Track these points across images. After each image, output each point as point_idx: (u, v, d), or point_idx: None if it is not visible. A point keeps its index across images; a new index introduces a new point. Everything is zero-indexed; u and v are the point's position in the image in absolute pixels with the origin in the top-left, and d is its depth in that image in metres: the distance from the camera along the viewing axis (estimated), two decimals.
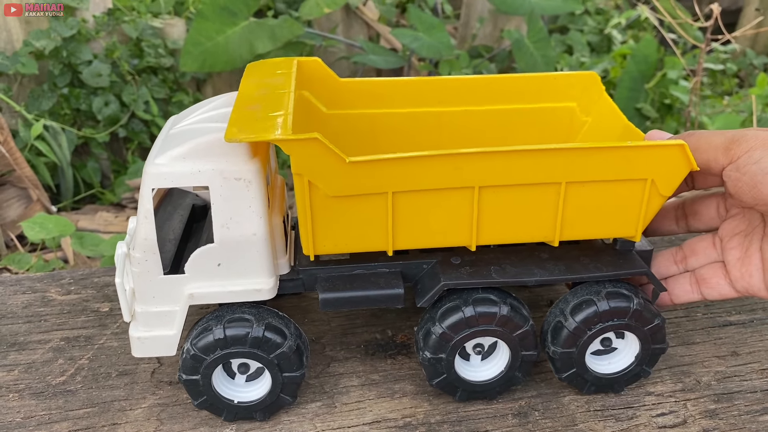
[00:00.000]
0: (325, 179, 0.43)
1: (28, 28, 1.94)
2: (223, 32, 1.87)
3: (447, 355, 0.48)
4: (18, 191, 1.49)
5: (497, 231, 0.47)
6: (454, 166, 0.44)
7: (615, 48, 2.24)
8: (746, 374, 0.52)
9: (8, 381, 0.53)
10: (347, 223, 0.45)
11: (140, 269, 0.46)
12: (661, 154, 0.45)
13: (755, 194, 0.43)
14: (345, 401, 0.51)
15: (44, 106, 1.85)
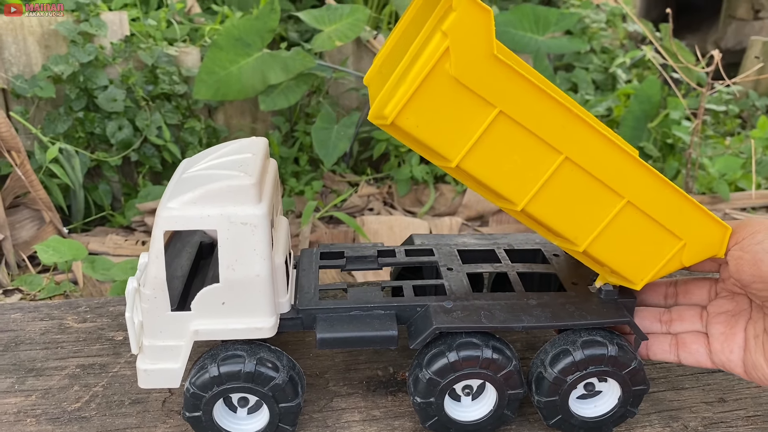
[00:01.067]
0: (463, 54, 0.42)
1: (47, 53, 1.99)
2: (237, 62, 1.92)
3: (436, 398, 0.50)
4: (31, 212, 1.53)
5: (548, 205, 0.47)
6: (564, 123, 0.45)
7: (619, 86, 2.28)
8: (732, 421, 0.54)
9: (26, 406, 0.55)
10: (443, 111, 0.44)
11: (149, 305, 0.49)
12: (707, 225, 0.48)
13: (755, 271, 0.46)
14: None
15: (59, 129, 1.90)
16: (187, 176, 0.51)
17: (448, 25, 0.41)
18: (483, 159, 0.45)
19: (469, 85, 0.43)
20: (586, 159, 0.46)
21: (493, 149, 0.45)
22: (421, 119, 0.43)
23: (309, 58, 1.94)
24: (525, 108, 0.44)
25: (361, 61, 2.33)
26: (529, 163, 0.46)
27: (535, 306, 0.51)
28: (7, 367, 0.60)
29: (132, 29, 2.08)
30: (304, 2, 2.86)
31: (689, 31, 4.53)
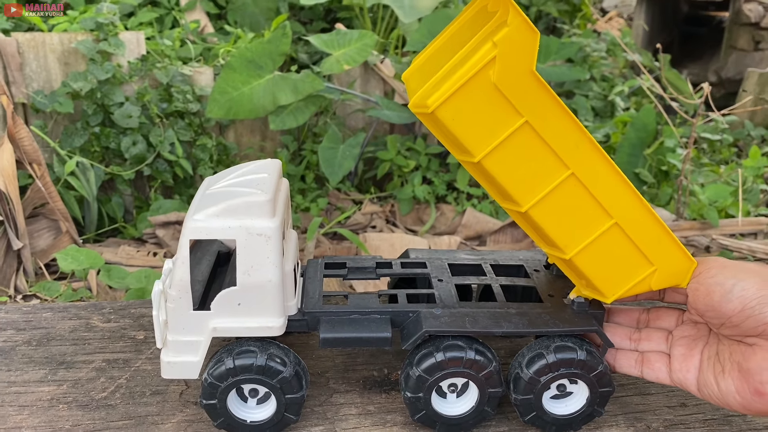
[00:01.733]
0: (507, 65, 0.47)
1: (66, 70, 2.08)
2: (249, 83, 2.00)
3: (424, 394, 0.56)
4: (49, 222, 1.60)
5: (548, 212, 0.53)
6: (577, 143, 0.51)
7: (618, 114, 2.35)
8: (690, 423, 0.60)
9: (58, 394, 0.62)
10: (477, 111, 0.49)
11: (175, 305, 0.55)
12: (677, 257, 0.55)
13: (707, 301, 0.53)
14: (344, 427, 0.59)
15: (76, 143, 1.97)
16: (210, 192, 0.57)
17: (499, 37, 0.47)
18: (502, 160, 0.51)
19: (505, 93, 0.48)
20: (589, 178, 0.52)
21: (512, 153, 0.51)
22: (457, 114, 0.49)
23: (318, 81, 2.01)
24: (547, 123, 0.50)
25: (368, 84, 2.41)
26: (540, 171, 0.51)
27: (514, 314, 0.58)
28: (41, 360, 0.66)
29: (148, 48, 2.16)
30: (314, 25, 2.95)
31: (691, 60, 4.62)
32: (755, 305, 0.50)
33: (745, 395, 0.51)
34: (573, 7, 3.24)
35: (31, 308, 0.74)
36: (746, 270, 0.52)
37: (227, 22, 2.79)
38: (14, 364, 0.65)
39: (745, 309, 0.51)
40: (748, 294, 0.51)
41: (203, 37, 2.54)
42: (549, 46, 2.11)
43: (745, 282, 0.51)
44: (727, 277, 0.52)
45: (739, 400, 0.51)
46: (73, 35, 2.07)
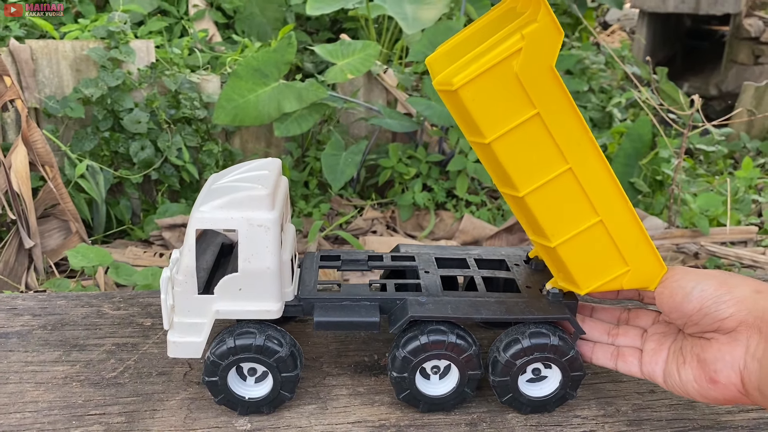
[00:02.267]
0: (530, 58, 0.51)
1: (78, 76, 2.14)
2: (255, 91, 2.06)
3: (409, 374, 0.61)
4: (59, 223, 1.65)
5: (542, 200, 0.57)
6: (579, 141, 0.54)
7: (616, 125, 2.40)
8: (657, 407, 0.65)
9: (72, 373, 0.67)
10: (496, 96, 0.53)
11: (181, 289, 0.60)
12: (651, 262, 0.59)
13: (671, 302, 0.58)
14: (335, 405, 0.64)
15: (86, 147, 2.03)
16: (215, 187, 0.63)
17: (528, 31, 0.51)
18: (509, 145, 0.55)
19: (524, 84, 0.52)
20: (584, 175, 0.56)
21: (519, 140, 0.55)
22: (477, 95, 0.53)
23: (322, 89, 2.07)
24: (557, 118, 0.54)
25: (371, 93, 2.47)
26: (541, 161, 0.56)
27: (493, 303, 0.62)
28: (55, 343, 0.71)
29: (157, 56, 2.22)
30: (320, 35, 3.02)
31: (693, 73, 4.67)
32: (711, 304, 0.55)
33: (702, 383, 0.56)
34: (575, 20, 3.30)
35: (46, 296, 0.79)
36: (706, 274, 0.58)
37: (235, 32, 2.85)
38: (31, 346, 0.70)
39: (702, 308, 0.55)
40: (705, 294, 0.56)
41: (211, 46, 2.60)
42: None
43: (703, 284, 0.56)
44: (688, 280, 0.57)
45: (696, 387, 0.56)
46: (85, 43, 2.13)
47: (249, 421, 0.61)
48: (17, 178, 1.47)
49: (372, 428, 0.61)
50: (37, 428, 0.59)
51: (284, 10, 2.89)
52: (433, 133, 2.24)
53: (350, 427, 0.61)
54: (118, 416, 0.61)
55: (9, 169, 1.47)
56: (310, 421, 0.62)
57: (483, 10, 2.68)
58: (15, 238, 1.51)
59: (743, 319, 0.54)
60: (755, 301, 0.54)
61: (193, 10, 2.79)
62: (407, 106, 2.38)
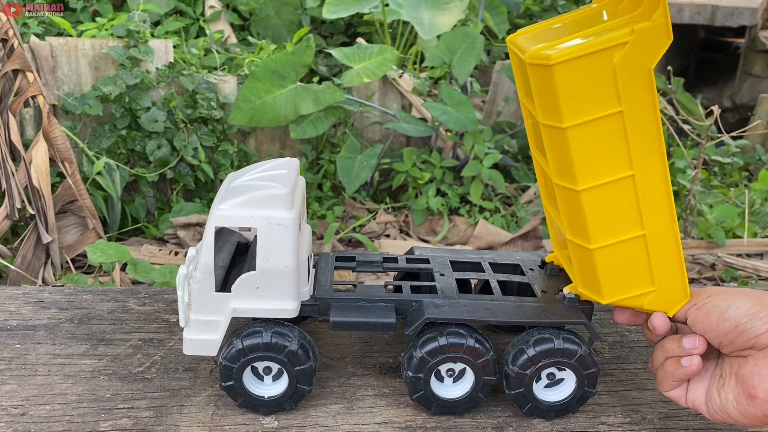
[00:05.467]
0: (633, 55, 0.50)
1: (96, 74, 2.16)
2: (272, 93, 2.06)
3: (424, 375, 0.61)
4: (77, 219, 1.66)
5: (596, 200, 0.56)
6: (651, 150, 0.53)
7: None
8: (683, 416, 0.65)
9: (99, 366, 0.67)
10: (587, 83, 0.52)
11: (198, 286, 0.60)
12: (678, 287, 0.59)
13: (706, 323, 0.57)
14: (361, 406, 0.64)
15: (103, 145, 2.05)
16: (234, 185, 0.63)
17: (640, 27, 0.50)
18: (584, 136, 0.54)
19: (618, 78, 0.51)
20: (644, 186, 0.55)
21: (595, 133, 0.54)
22: (570, 76, 0.51)
23: (339, 92, 2.08)
24: (638, 122, 0.53)
25: (386, 98, 2.47)
26: (608, 161, 0.55)
27: (508, 306, 0.62)
28: (83, 336, 0.72)
29: (175, 56, 2.24)
30: (335, 39, 3.03)
31: (706, 85, 4.66)
32: (746, 321, 0.55)
33: (741, 401, 0.56)
34: None
35: (72, 290, 0.80)
36: (739, 293, 0.58)
37: (250, 34, 2.87)
38: (58, 339, 0.71)
39: (738, 326, 0.56)
40: (740, 313, 0.56)
41: (226, 47, 2.62)
42: None
43: (738, 302, 0.56)
44: (723, 300, 0.57)
45: (736, 406, 0.56)
46: (105, 41, 2.15)
47: (276, 419, 0.62)
48: (37, 173, 1.48)
49: (398, 429, 0.61)
50: (66, 420, 0.60)
51: (299, 13, 2.90)
52: (448, 138, 2.24)
53: (377, 427, 0.61)
54: (146, 410, 0.62)
55: (29, 164, 1.48)
56: (337, 420, 0.62)
57: (500, 17, 2.69)
58: (33, 233, 1.52)
59: None
60: None
61: (210, 11, 2.81)
62: (422, 110, 2.38)
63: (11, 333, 0.71)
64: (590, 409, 0.65)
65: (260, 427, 0.61)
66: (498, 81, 2.46)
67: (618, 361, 0.72)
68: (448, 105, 2.11)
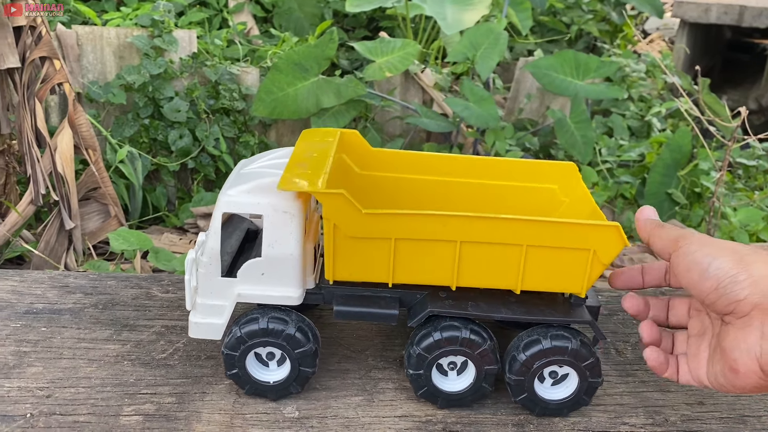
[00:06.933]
0: (346, 224, 0.57)
1: (121, 63, 2.17)
2: (294, 85, 2.07)
3: (425, 371, 0.61)
4: (99, 206, 1.68)
5: (472, 276, 0.61)
6: (442, 223, 0.58)
7: (654, 134, 2.37)
8: (707, 420, 0.64)
9: (123, 352, 0.68)
10: (360, 258, 0.60)
11: (205, 270, 0.61)
12: (600, 232, 0.59)
13: (688, 278, 0.55)
14: (381, 398, 0.64)
15: (126, 133, 2.06)
16: (244, 172, 0.63)
17: (324, 212, 0.58)
18: (406, 271, 0.61)
19: (363, 236, 0.58)
20: (475, 235, 0.59)
21: (408, 262, 0.60)
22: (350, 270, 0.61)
23: (361, 86, 2.08)
24: (408, 228, 0.59)
25: (408, 93, 2.47)
26: (438, 257, 0.60)
27: (513, 302, 0.62)
28: (107, 322, 0.72)
29: (199, 47, 2.25)
30: (356, 33, 3.03)
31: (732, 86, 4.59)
32: (727, 284, 0.52)
33: (727, 374, 0.54)
34: (614, 28, 3.27)
35: (96, 276, 0.81)
36: (723, 247, 0.54)
37: (273, 26, 2.87)
38: (83, 324, 0.72)
39: (718, 287, 0.52)
40: (721, 273, 0.52)
41: (249, 39, 2.62)
42: (588, 64, 2.15)
43: (720, 260, 0.53)
44: (705, 254, 0.54)
45: (725, 380, 0.54)
46: (129, 30, 2.16)
47: (297, 409, 0.62)
48: (62, 160, 1.50)
49: (419, 423, 0.61)
50: (90, 403, 0.61)
51: (322, 6, 2.90)
52: (469, 134, 2.23)
53: (397, 420, 0.61)
54: (168, 396, 0.62)
55: (54, 150, 1.50)
56: (357, 412, 0.62)
57: (524, 14, 2.67)
58: (56, 219, 1.54)
59: (757, 302, 0.51)
60: None
61: (233, 3, 2.82)
62: (443, 106, 2.37)
63: (37, 316, 0.72)
64: (612, 409, 0.64)
65: (281, 417, 0.61)
66: (521, 78, 2.45)
67: (640, 362, 0.71)
68: (470, 101, 2.10)
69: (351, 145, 0.72)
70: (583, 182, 0.71)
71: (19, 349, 0.67)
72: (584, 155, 2.02)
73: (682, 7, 4.00)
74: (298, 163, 0.62)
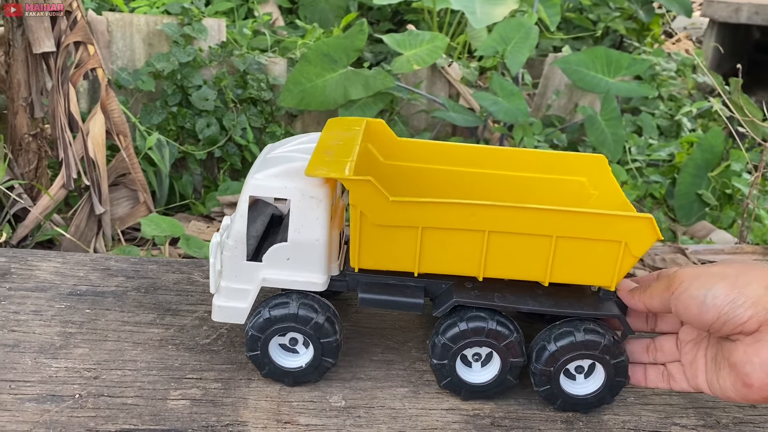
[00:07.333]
0: (373, 211, 0.57)
1: (150, 50, 2.18)
2: (323, 76, 2.06)
3: (449, 361, 0.60)
4: (128, 192, 1.68)
5: (499, 267, 0.60)
6: (471, 212, 0.57)
7: (684, 134, 2.34)
8: (760, 423, 0.63)
9: (167, 336, 0.68)
10: (386, 247, 0.59)
11: (230, 254, 0.60)
12: (632, 224, 0.58)
13: (687, 314, 0.56)
14: (427, 391, 0.63)
15: (154, 120, 2.07)
16: (271, 156, 0.63)
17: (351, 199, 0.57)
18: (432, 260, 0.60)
19: (389, 224, 0.58)
20: (503, 225, 0.58)
21: (434, 251, 0.59)
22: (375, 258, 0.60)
23: (389, 78, 2.07)
24: (435, 217, 0.58)
25: (434, 86, 2.45)
26: (465, 247, 0.59)
27: (541, 295, 0.61)
28: (149, 305, 0.72)
29: (228, 36, 2.25)
30: (381, 26, 3.01)
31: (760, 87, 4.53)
32: (728, 310, 0.53)
33: (739, 388, 0.55)
34: (641, 26, 3.23)
35: (138, 260, 0.81)
36: (715, 276, 0.55)
37: (298, 17, 2.87)
38: (126, 307, 0.72)
39: (720, 316, 0.54)
40: (719, 302, 0.54)
41: (273, 30, 2.62)
42: (620, 61, 2.12)
43: (714, 290, 0.54)
44: (698, 288, 0.55)
45: (736, 393, 0.55)
46: (159, 18, 2.16)
47: (343, 398, 0.61)
48: (94, 145, 1.50)
49: (466, 417, 0.60)
50: (137, 386, 0.60)
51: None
52: (496, 129, 2.21)
53: (444, 413, 0.61)
54: (214, 382, 0.62)
55: (86, 135, 1.50)
56: (404, 404, 0.61)
57: (553, 9, 2.64)
58: (87, 204, 1.55)
59: (764, 319, 0.52)
60: None
61: None
62: (470, 100, 2.36)
63: (81, 298, 0.72)
64: (661, 409, 0.63)
65: (327, 406, 0.60)
66: (549, 74, 2.43)
67: None
68: (498, 95, 2.08)
69: (377, 135, 0.71)
70: (612, 175, 0.69)
71: (64, 330, 0.67)
72: (614, 153, 2.00)
73: (711, 6, 3.94)
74: (325, 150, 0.61)
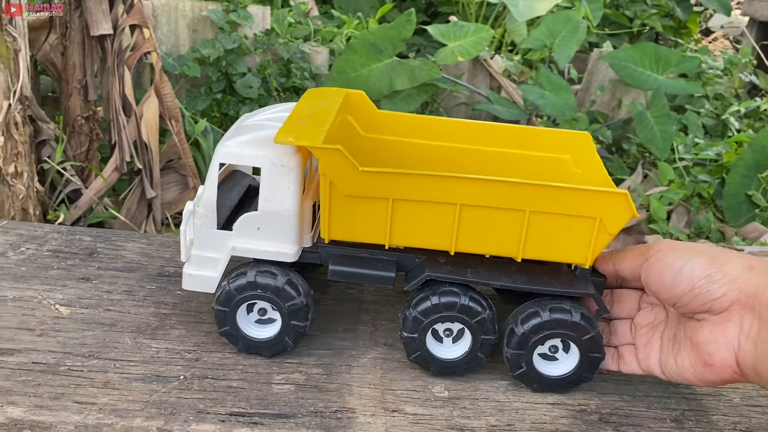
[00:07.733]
0: (342, 181, 0.56)
1: (194, 36, 2.18)
2: (368, 66, 2.05)
3: (419, 334, 0.59)
4: (177, 177, 1.68)
5: (472, 241, 0.58)
6: (441, 185, 0.56)
7: (730, 134, 2.30)
8: None
9: None
10: (356, 218, 0.58)
11: (201, 222, 0.59)
12: (607, 199, 0.56)
13: (660, 283, 0.55)
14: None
15: (199, 107, 2.07)
16: (245, 124, 0.62)
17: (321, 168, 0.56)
18: (403, 233, 0.58)
19: (359, 194, 0.57)
20: (475, 198, 0.56)
21: (405, 224, 0.58)
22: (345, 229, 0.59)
23: (435, 69, 2.05)
24: (406, 189, 0.56)
25: (475, 79, 2.43)
26: (437, 220, 0.57)
27: (515, 271, 0.59)
28: None
29: (273, 24, 2.24)
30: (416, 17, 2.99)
31: None
32: (702, 284, 0.53)
33: (698, 368, 0.54)
34: (678, 24, 3.18)
35: None
36: (694, 250, 0.55)
37: (332, 7, 2.86)
38: None
39: (693, 288, 0.53)
40: (695, 274, 0.53)
41: (309, 20, 2.61)
42: (669, 58, 2.09)
43: (692, 262, 0.54)
44: (676, 258, 0.55)
45: (693, 372, 0.55)
46: (204, 4, 2.16)
47: (446, 389, 0.60)
48: (147, 128, 1.50)
49: (573, 412, 0.59)
50: (240, 369, 0.60)
51: None
52: (541, 123, 2.19)
53: (550, 408, 0.59)
54: (315, 367, 0.61)
55: (140, 119, 1.50)
56: (508, 396, 0.60)
57: (595, 4, 2.61)
58: (138, 187, 1.55)
59: (735, 299, 0.52)
60: (747, 279, 0.52)
61: None
62: (512, 93, 2.33)
63: (170, 279, 0.72)
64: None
65: (431, 395, 0.59)
66: (594, 69, 2.40)
67: None
68: (545, 89, 2.06)
69: (357, 107, 0.69)
70: (597, 153, 0.67)
71: (159, 311, 0.66)
72: (662, 151, 1.97)
73: (752, 4, 3.87)
74: (298, 118, 0.60)
